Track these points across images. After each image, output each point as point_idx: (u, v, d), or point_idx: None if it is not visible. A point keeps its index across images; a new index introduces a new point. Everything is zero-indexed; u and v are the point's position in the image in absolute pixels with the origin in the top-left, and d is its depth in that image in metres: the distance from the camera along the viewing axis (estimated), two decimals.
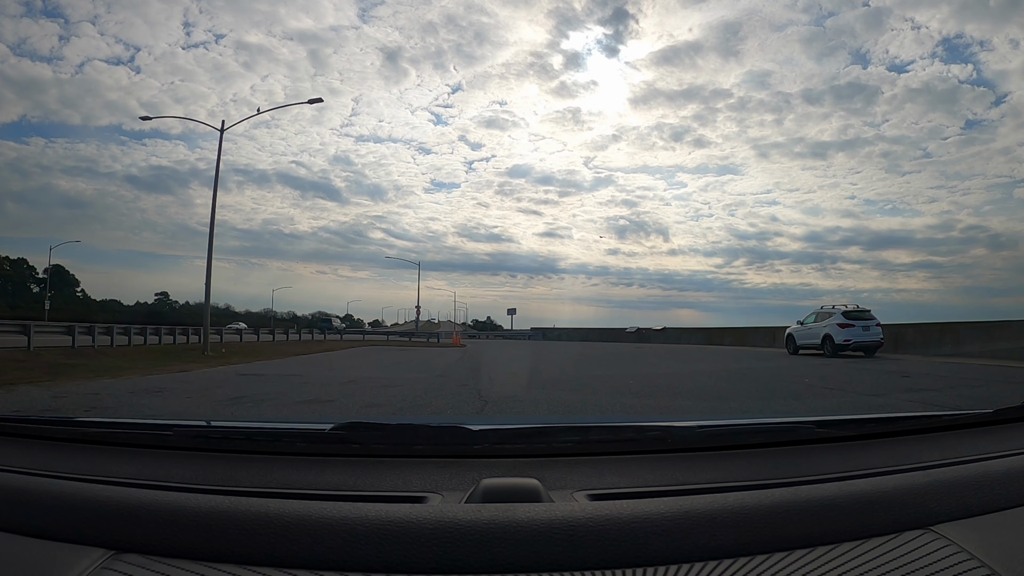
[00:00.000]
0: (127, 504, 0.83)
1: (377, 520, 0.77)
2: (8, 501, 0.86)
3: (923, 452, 1.04)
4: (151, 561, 0.75)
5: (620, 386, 8.65)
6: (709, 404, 6.68)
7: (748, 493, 0.86)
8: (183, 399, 7.13)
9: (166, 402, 6.83)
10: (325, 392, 7.78)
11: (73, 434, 1.11)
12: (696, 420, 1.20)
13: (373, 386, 8.55)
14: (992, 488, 0.92)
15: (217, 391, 8.09)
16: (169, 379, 9.59)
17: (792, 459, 1.03)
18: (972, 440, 1.11)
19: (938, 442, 1.11)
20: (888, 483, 0.91)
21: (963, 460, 1.00)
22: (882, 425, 1.17)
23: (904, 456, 1.02)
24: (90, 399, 6.85)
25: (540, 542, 0.75)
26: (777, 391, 8.34)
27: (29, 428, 1.12)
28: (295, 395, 7.51)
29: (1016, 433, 1.14)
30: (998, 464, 0.98)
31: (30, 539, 0.80)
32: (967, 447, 1.06)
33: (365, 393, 7.68)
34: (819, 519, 0.82)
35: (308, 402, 6.74)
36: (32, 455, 1.01)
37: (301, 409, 6.20)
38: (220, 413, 5.90)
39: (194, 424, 1.17)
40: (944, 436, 1.15)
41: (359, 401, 6.90)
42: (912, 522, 0.84)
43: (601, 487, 0.91)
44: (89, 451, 1.04)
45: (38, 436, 1.10)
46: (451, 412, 5.88)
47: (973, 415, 1.21)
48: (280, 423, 1.22)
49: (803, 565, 0.75)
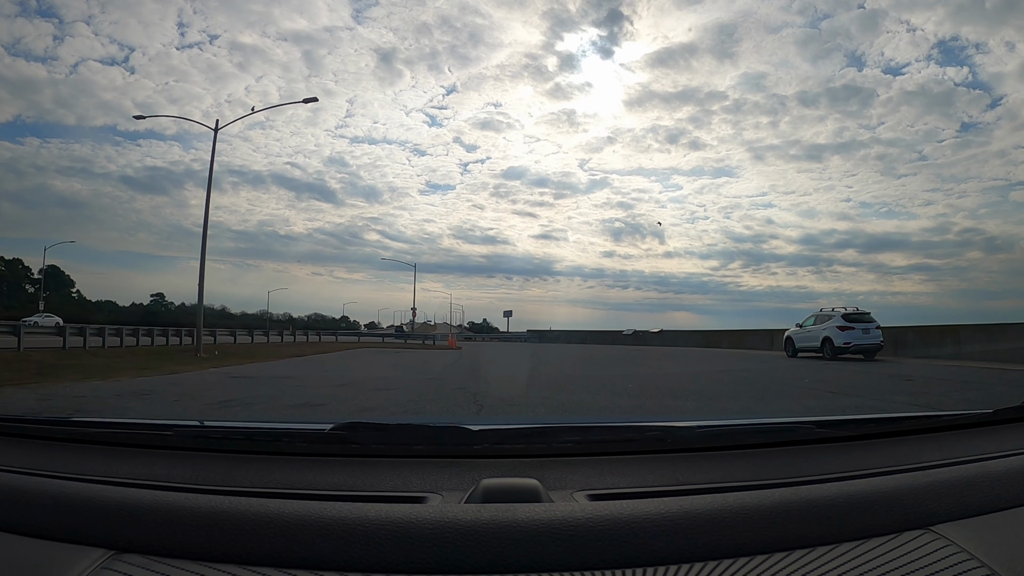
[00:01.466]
0: (127, 504, 0.83)
1: (377, 520, 0.77)
2: (8, 501, 0.86)
3: (923, 452, 1.05)
4: (151, 561, 0.75)
5: (618, 388, 8.60)
6: (711, 406, 6.63)
7: (748, 493, 0.86)
8: (170, 403, 7.05)
9: (152, 405, 6.75)
10: (317, 395, 7.67)
11: (73, 434, 1.11)
12: (696, 420, 1.20)
13: (367, 389, 8.47)
14: (992, 488, 0.92)
15: (207, 394, 8.01)
16: (159, 381, 9.50)
17: (792, 459, 1.03)
18: (972, 440, 1.12)
19: (938, 442, 1.11)
20: (888, 483, 0.91)
21: (963, 460, 1.00)
22: (882, 425, 1.17)
23: (904, 456, 1.02)
24: (76, 402, 6.76)
25: (540, 542, 0.75)
26: (776, 393, 8.27)
27: (29, 428, 1.12)
28: (287, 398, 7.39)
29: (1016, 433, 1.14)
30: (998, 464, 0.99)
31: (30, 539, 0.80)
32: (967, 447, 1.06)
33: (359, 396, 7.60)
34: (819, 519, 0.83)
35: (299, 406, 6.61)
36: (32, 455, 1.01)
37: (291, 414, 6.08)
38: (207, 417, 5.74)
39: (194, 424, 1.16)
40: (944, 436, 1.15)
41: (352, 405, 6.83)
42: (912, 522, 0.84)
43: (601, 487, 0.91)
44: (89, 451, 1.04)
45: (38, 436, 1.10)
46: (448, 415, 5.76)
47: (973, 415, 1.21)
48: (280, 423, 1.21)
49: (803, 565, 0.75)
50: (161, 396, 7.47)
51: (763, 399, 7.52)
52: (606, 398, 7.33)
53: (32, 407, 6.18)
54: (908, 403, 6.88)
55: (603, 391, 8.17)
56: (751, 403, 7.04)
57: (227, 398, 7.40)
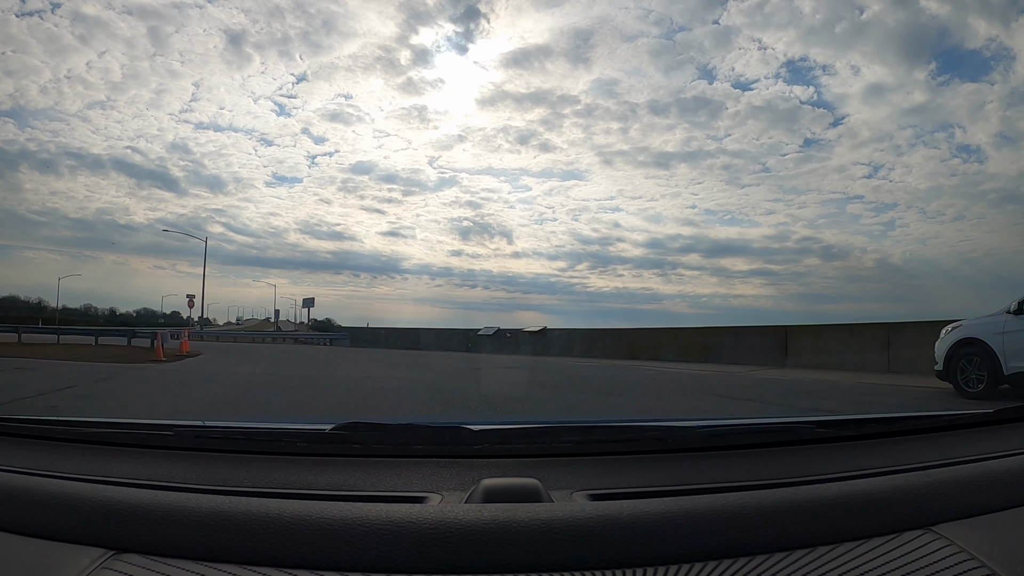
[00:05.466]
0: (127, 504, 0.82)
1: (377, 520, 0.77)
2: (8, 501, 0.86)
3: (923, 452, 1.05)
4: (151, 561, 0.75)
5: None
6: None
7: (749, 493, 0.86)
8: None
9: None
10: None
11: (73, 434, 1.11)
12: (696, 420, 1.19)
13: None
14: (992, 488, 0.92)
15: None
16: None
17: (793, 459, 1.03)
18: (972, 440, 1.12)
19: (938, 442, 1.11)
20: (888, 483, 0.92)
21: (963, 460, 1.00)
22: (882, 425, 1.17)
23: (904, 456, 1.02)
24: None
25: (541, 542, 0.75)
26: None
27: (29, 428, 1.12)
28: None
29: (1016, 433, 1.14)
30: (998, 464, 0.99)
31: (30, 539, 0.80)
32: (967, 447, 1.06)
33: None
34: (820, 519, 0.82)
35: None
36: (32, 455, 1.00)
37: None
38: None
39: (194, 424, 1.16)
40: (944, 436, 1.16)
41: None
42: (912, 522, 0.84)
43: (602, 487, 0.91)
44: (89, 451, 1.04)
45: (38, 436, 1.10)
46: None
47: (973, 415, 1.21)
48: (280, 423, 1.22)
49: (804, 565, 0.75)
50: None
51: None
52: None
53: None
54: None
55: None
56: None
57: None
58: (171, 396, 7.63)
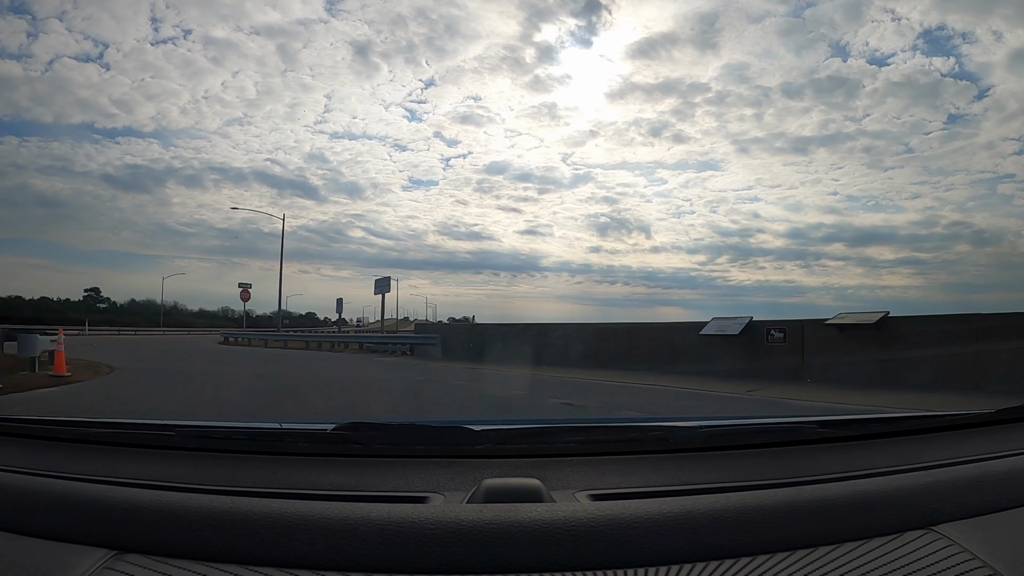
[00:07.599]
0: (129, 504, 0.83)
1: (379, 520, 0.77)
2: (10, 501, 0.86)
3: (925, 452, 1.05)
4: (153, 561, 0.75)
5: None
6: None
7: (750, 493, 0.86)
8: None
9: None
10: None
11: (76, 434, 1.11)
12: (698, 420, 1.19)
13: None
14: (994, 488, 0.92)
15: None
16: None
17: (794, 459, 1.03)
18: (974, 440, 1.12)
19: (940, 442, 1.11)
20: (890, 483, 0.92)
21: (965, 460, 1.00)
22: (884, 425, 1.17)
23: (906, 456, 1.02)
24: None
25: (542, 542, 0.75)
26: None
27: (31, 428, 1.12)
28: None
29: (1017, 433, 1.14)
30: (999, 464, 0.99)
31: (32, 539, 0.80)
32: (969, 447, 1.06)
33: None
34: (821, 519, 0.82)
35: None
36: (34, 455, 1.01)
37: None
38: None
39: (196, 424, 1.17)
40: (946, 436, 1.16)
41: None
42: (914, 522, 0.84)
43: (603, 487, 0.91)
44: (91, 451, 1.04)
45: (41, 436, 1.10)
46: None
47: (974, 415, 1.21)
48: (282, 423, 1.22)
49: (805, 565, 0.75)
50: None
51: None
52: None
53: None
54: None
55: None
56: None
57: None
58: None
